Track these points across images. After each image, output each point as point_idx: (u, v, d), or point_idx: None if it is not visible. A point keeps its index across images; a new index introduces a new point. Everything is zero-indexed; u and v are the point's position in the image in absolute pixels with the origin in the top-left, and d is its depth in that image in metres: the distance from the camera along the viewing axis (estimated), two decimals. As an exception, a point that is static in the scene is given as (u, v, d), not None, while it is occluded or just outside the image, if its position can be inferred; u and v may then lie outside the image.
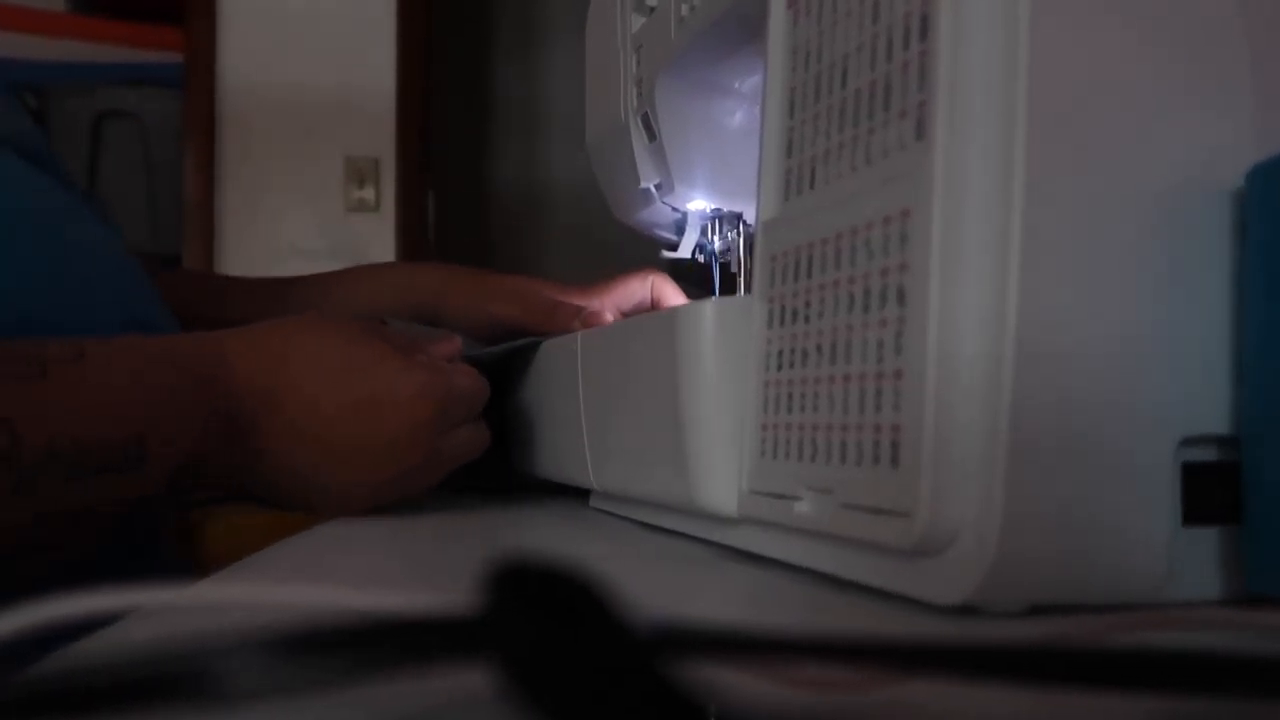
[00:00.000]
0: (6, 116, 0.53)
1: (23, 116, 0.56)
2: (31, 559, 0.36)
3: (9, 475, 0.33)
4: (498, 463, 0.60)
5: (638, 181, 0.56)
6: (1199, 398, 0.25)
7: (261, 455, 0.43)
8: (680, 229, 0.57)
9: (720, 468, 0.35)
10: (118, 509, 0.38)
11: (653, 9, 0.54)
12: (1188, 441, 0.25)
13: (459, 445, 0.49)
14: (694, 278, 0.63)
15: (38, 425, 0.34)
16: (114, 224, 0.65)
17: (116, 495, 0.37)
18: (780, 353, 0.32)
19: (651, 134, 0.54)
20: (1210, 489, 0.26)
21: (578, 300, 0.61)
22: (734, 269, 0.54)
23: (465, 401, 0.49)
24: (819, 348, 0.30)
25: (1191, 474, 0.26)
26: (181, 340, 0.43)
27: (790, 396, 0.31)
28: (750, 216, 0.53)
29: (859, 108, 0.29)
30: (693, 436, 0.36)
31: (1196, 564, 0.26)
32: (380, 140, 2.38)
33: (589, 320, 0.56)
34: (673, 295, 0.63)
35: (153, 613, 0.24)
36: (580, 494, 0.53)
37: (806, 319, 0.31)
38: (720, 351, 0.35)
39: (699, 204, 0.55)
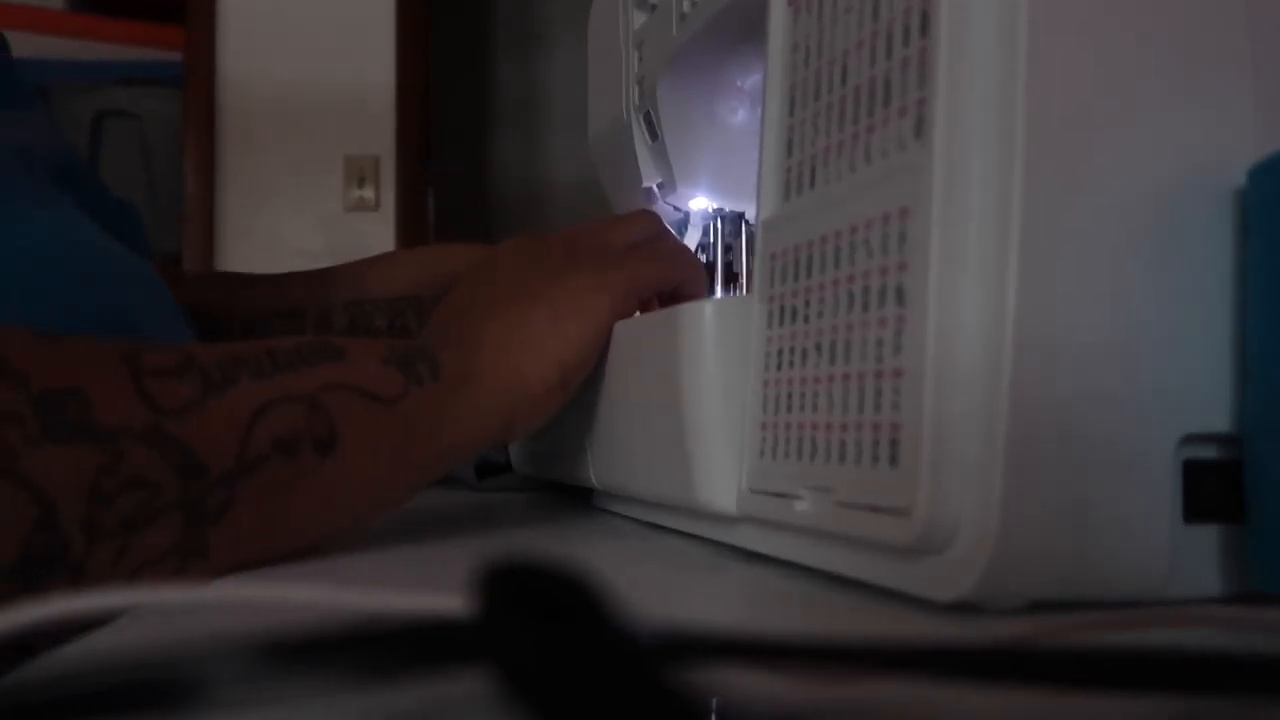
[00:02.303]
0: (40, 132, 0.53)
1: (54, 132, 0.56)
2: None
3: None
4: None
5: (640, 180, 0.56)
6: (1200, 395, 0.25)
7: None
8: (683, 228, 0.57)
9: (720, 467, 0.35)
10: None
11: (654, 6, 0.54)
12: (1189, 439, 0.25)
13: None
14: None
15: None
16: (144, 233, 0.65)
17: None
18: (780, 352, 0.32)
19: (653, 132, 0.54)
20: (1211, 486, 0.26)
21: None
22: (736, 268, 0.54)
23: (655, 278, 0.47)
24: (818, 347, 0.30)
25: (1192, 471, 0.25)
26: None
27: (790, 395, 0.31)
28: (752, 215, 0.53)
29: (859, 105, 0.29)
30: (693, 435, 0.36)
31: (1197, 561, 0.26)
32: (380, 139, 2.39)
33: None
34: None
35: (151, 612, 0.24)
36: (583, 493, 0.53)
37: (806, 318, 0.31)
38: (720, 351, 0.35)
39: (701, 202, 0.55)
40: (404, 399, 0.37)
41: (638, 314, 0.46)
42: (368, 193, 2.37)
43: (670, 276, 0.47)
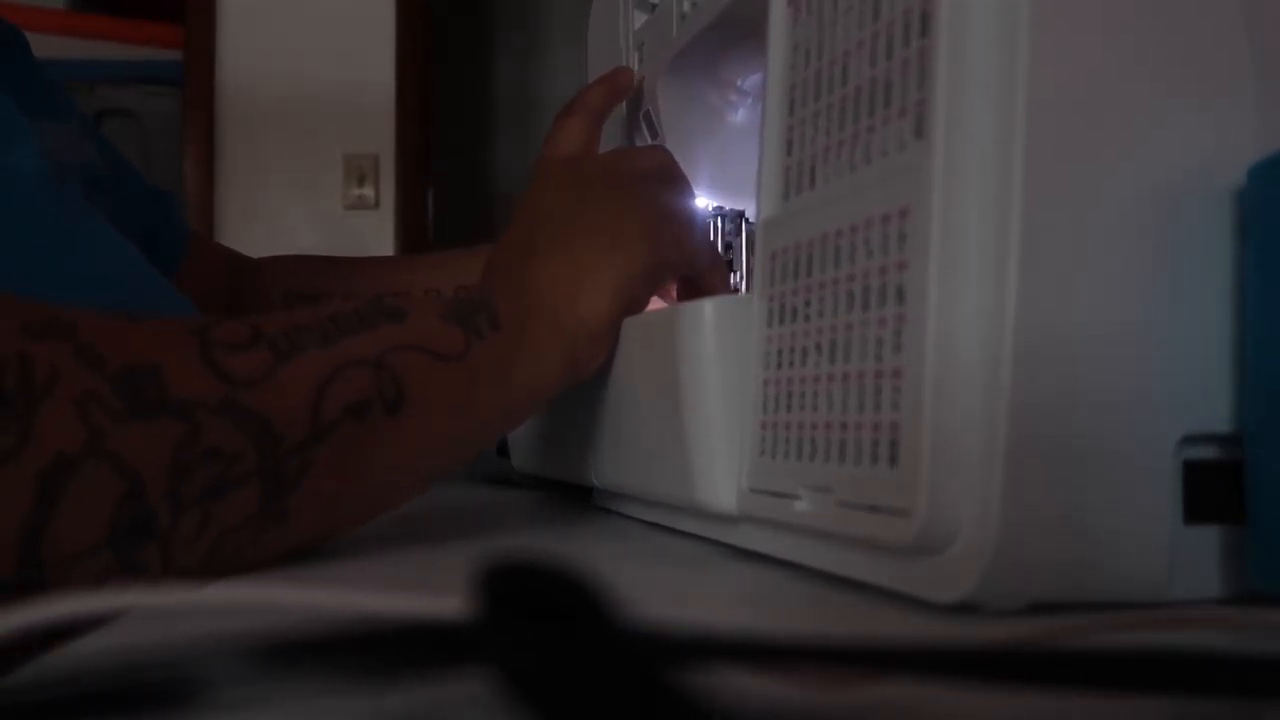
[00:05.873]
0: (72, 144, 0.54)
1: (85, 142, 0.56)
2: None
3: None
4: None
5: (639, 179, 0.56)
6: (1200, 395, 0.25)
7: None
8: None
9: (721, 466, 0.35)
10: None
11: (654, 6, 0.54)
12: (1189, 439, 0.25)
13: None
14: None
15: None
16: (182, 220, 0.67)
17: None
18: (780, 351, 0.32)
19: (653, 131, 0.54)
20: (1212, 487, 0.26)
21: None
22: (736, 266, 0.54)
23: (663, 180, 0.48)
24: (818, 346, 0.30)
25: (1193, 472, 0.25)
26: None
27: (789, 395, 0.31)
28: (753, 214, 0.53)
29: (859, 105, 0.29)
30: (693, 435, 0.36)
31: (1198, 562, 0.26)
32: (379, 137, 2.38)
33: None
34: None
35: (149, 613, 0.24)
36: (583, 492, 0.53)
37: (806, 317, 0.31)
38: (721, 350, 0.35)
39: (701, 201, 0.55)
40: (467, 354, 0.38)
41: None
42: (367, 191, 2.37)
43: (705, 255, 0.48)
